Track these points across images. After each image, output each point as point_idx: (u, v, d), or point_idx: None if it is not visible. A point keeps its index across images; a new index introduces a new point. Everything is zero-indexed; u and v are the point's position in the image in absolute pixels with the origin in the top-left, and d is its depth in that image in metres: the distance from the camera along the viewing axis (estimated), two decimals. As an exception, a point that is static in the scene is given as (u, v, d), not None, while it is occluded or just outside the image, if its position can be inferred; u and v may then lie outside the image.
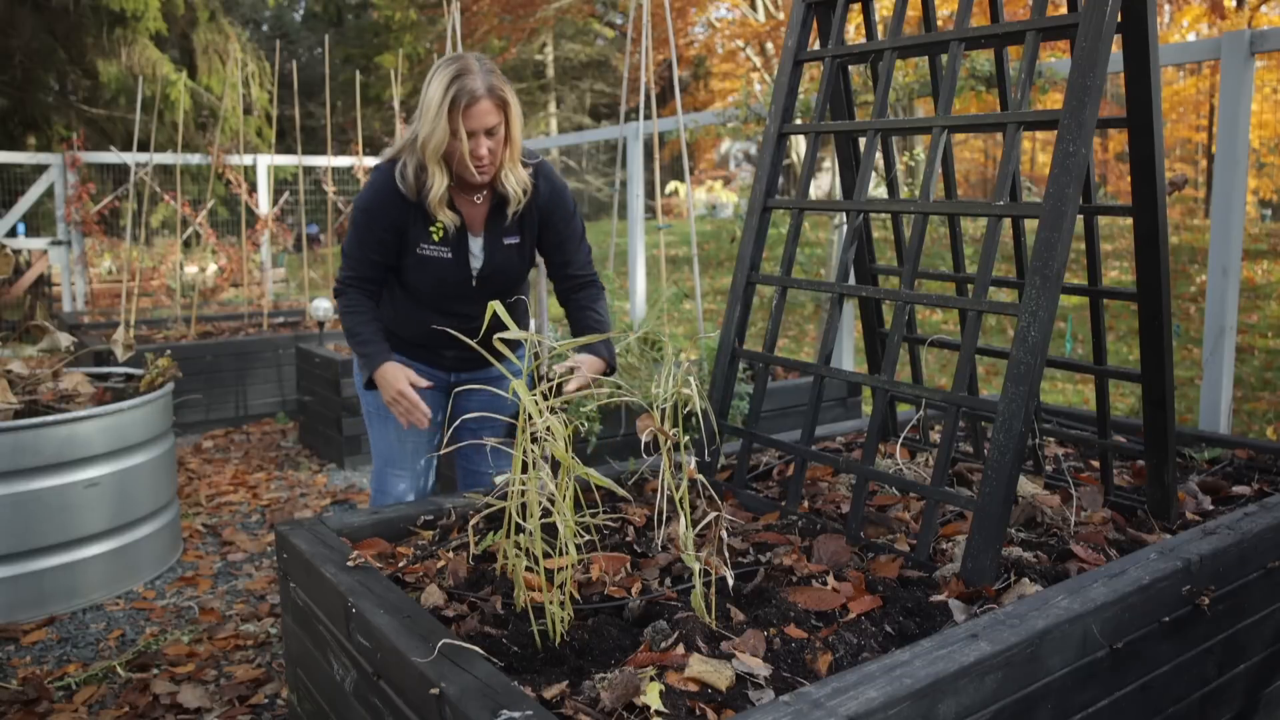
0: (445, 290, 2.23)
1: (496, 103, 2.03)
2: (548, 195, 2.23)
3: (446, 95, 1.98)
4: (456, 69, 2.00)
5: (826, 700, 1.16)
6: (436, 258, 2.19)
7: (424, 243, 2.17)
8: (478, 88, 1.99)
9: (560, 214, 2.25)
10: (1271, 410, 5.74)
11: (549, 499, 1.52)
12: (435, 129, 2.01)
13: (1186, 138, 16.31)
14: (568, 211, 2.27)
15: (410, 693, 1.32)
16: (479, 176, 2.09)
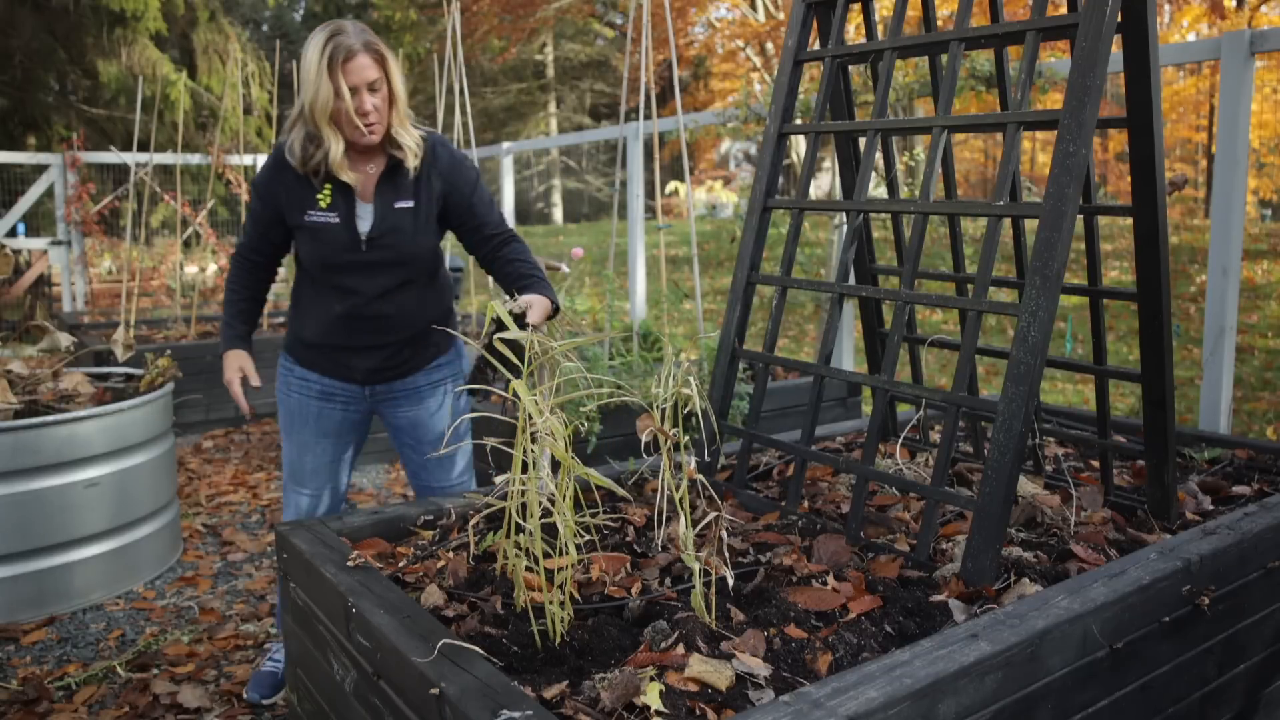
0: (337, 260, 2.17)
1: (374, 57, 2.05)
2: (448, 161, 2.22)
3: (324, 54, 2.01)
4: (330, 30, 2.03)
5: (826, 700, 1.16)
6: (325, 224, 2.16)
7: (311, 210, 2.15)
8: (353, 43, 2.02)
9: (463, 178, 2.24)
10: (1271, 410, 5.74)
11: (549, 499, 1.52)
12: (319, 89, 2.02)
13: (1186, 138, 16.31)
14: (472, 176, 2.26)
15: (410, 693, 1.32)
16: (367, 135, 2.09)
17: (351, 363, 2.27)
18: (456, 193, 2.23)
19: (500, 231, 2.27)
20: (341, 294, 2.20)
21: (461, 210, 2.25)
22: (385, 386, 2.33)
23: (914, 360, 2.57)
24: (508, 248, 2.27)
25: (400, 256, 2.20)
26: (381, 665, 1.42)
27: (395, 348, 2.27)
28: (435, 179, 2.21)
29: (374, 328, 2.23)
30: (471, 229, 2.27)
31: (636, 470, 2.30)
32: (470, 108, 5.66)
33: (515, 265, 2.24)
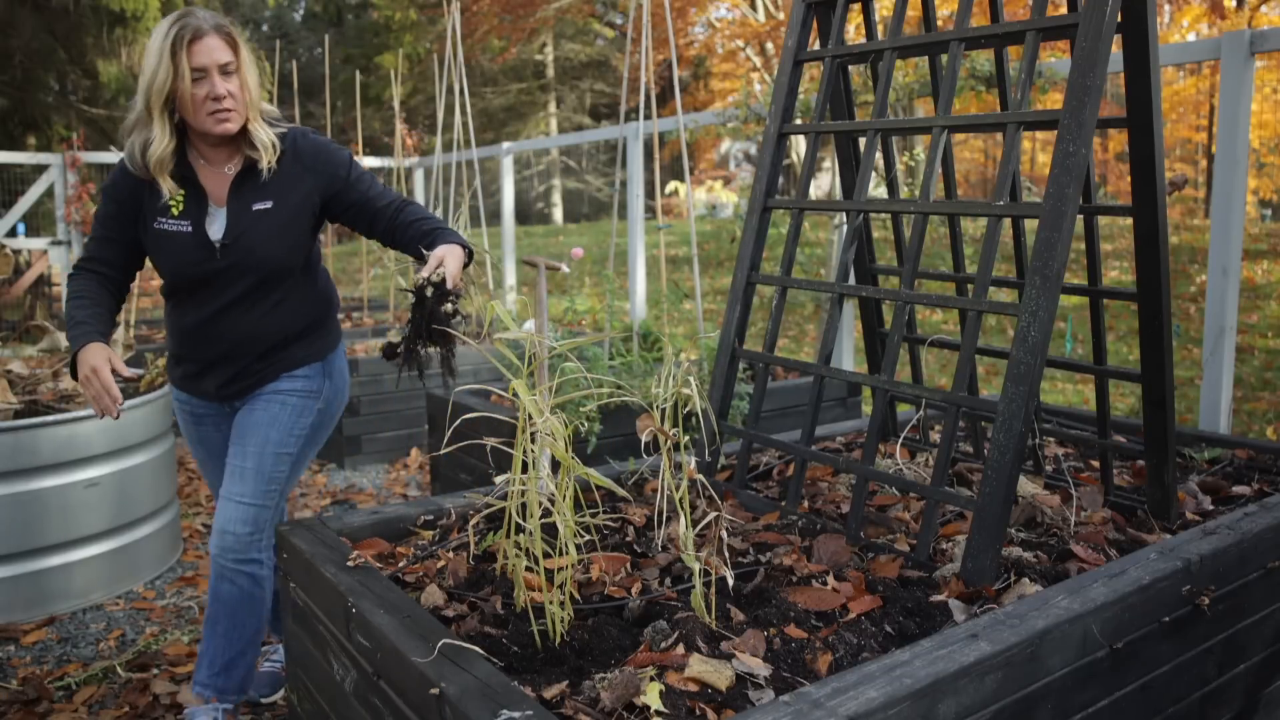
0: (190, 270, 1.99)
1: (225, 39, 1.90)
2: (312, 151, 2.05)
3: (168, 36, 1.85)
4: (179, 14, 1.89)
5: (826, 700, 1.17)
6: (175, 233, 1.98)
7: (161, 218, 1.98)
8: (202, 25, 1.88)
9: (334, 162, 2.06)
10: (1271, 410, 5.74)
11: (549, 499, 1.52)
12: (158, 72, 1.85)
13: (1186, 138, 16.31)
14: (344, 158, 2.09)
15: (410, 693, 1.32)
16: (219, 124, 1.92)
17: (204, 379, 2.10)
18: (331, 180, 2.06)
19: (391, 201, 2.08)
20: (196, 306, 2.04)
21: (343, 196, 2.08)
22: (243, 403, 2.14)
23: (914, 360, 2.57)
24: (402, 213, 2.06)
25: (258, 263, 2.01)
26: (381, 665, 1.42)
27: (248, 362, 2.08)
28: (303, 175, 2.04)
29: (228, 341, 2.05)
30: (359, 210, 2.09)
31: (636, 470, 2.30)
32: (470, 108, 5.66)
33: (415, 225, 2.03)
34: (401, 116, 6.46)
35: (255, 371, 2.09)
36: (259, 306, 2.05)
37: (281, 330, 2.09)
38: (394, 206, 2.07)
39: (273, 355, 2.10)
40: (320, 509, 4.05)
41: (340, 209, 2.10)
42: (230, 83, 1.91)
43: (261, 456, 2.07)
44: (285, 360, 2.11)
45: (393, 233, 2.07)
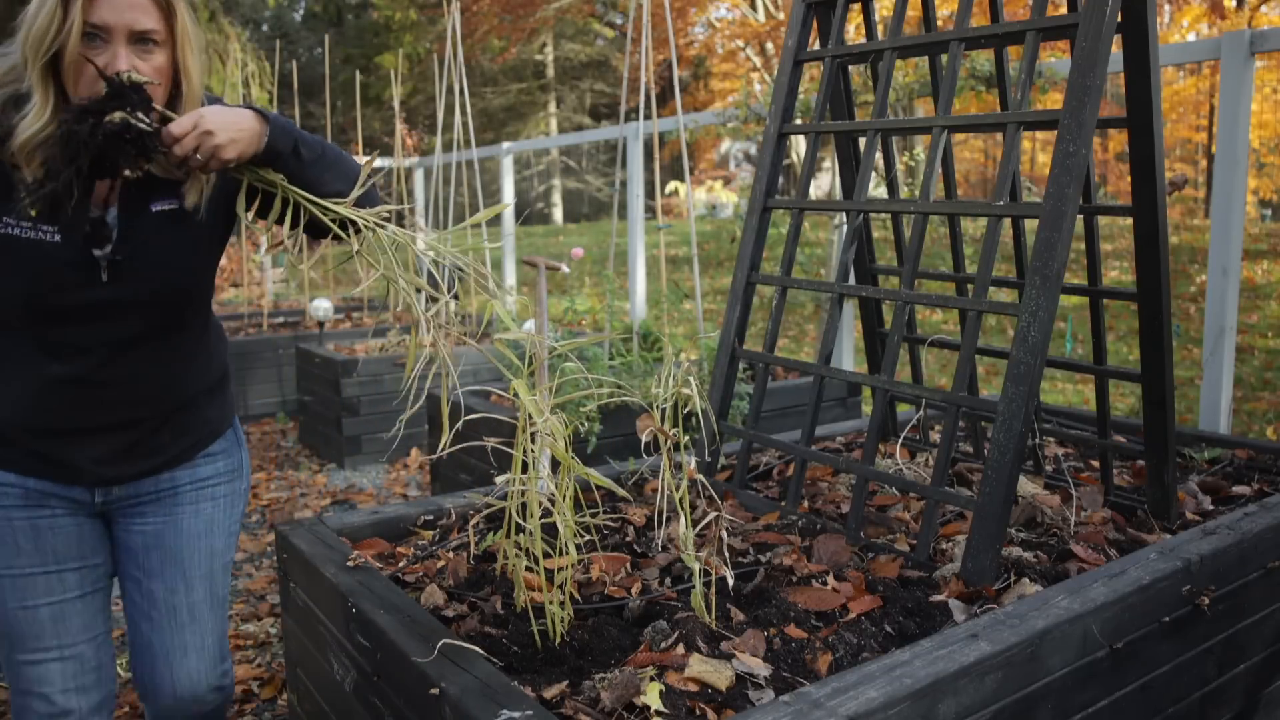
0: (58, 301, 1.35)
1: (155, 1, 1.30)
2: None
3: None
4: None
5: (826, 700, 1.17)
6: (33, 241, 1.33)
7: (7, 217, 1.33)
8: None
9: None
10: (1271, 410, 5.74)
11: (549, 499, 1.52)
12: (38, 16, 1.26)
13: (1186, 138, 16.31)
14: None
15: (410, 693, 1.32)
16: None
17: (72, 455, 1.41)
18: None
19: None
20: (61, 351, 1.38)
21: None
22: (129, 489, 1.48)
23: (914, 360, 2.57)
24: None
25: (161, 289, 1.40)
26: (382, 665, 1.42)
27: (145, 430, 1.46)
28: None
29: (113, 401, 1.41)
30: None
31: (636, 470, 2.31)
32: (470, 108, 5.66)
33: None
34: (402, 116, 6.46)
35: (160, 448, 1.48)
36: (160, 350, 1.45)
37: (192, 383, 1.50)
38: None
39: (183, 422, 1.50)
40: (320, 509, 4.06)
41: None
42: (147, 59, 1.30)
43: (212, 579, 1.56)
44: (198, 428, 1.52)
45: None
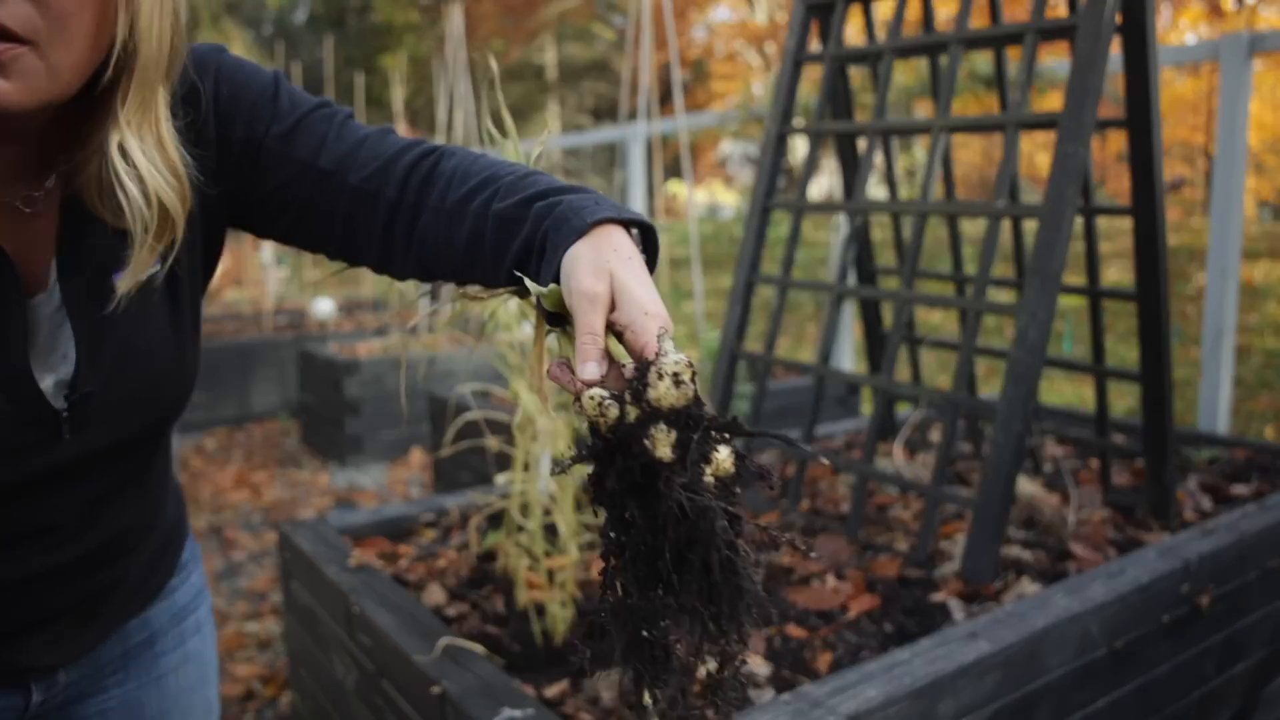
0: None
1: None
2: (228, 99, 0.85)
3: None
4: None
5: (826, 699, 1.17)
6: None
7: None
8: None
9: (260, 108, 0.86)
10: (1271, 410, 5.75)
11: (550, 498, 1.53)
12: None
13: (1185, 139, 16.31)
14: (264, 82, 0.87)
15: (412, 692, 1.33)
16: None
17: (21, 641, 0.89)
18: (246, 151, 0.86)
19: (403, 149, 0.87)
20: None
21: (273, 178, 0.87)
22: (80, 667, 0.96)
23: (914, 360, 2.57)
24: (435, 169, 0.87)
25: (139, 424, 0.88)
26: (383, 664, 1.43)
27: (107, 602, 0.95)
28: (214, 149, 0.84)
29: (65, 584, 0.90)
30: (327, 191, 0.86)
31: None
32: (473, 109, 5.67)
33: (497, 202, 0.81)
34: (407, 118, 6.47)
35: (116, 610, 0.97)
36: (126, 503, 0.93)
37: (157, 531, 1.01)
38: (413, 157, 0.87)
39: (140, 576, 1.00)
40: (322, 508, 4.06)
41: (273, 209, 0.89)
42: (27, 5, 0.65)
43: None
44: (153, 576, 1.01)
45: (420, 218, 0.85)
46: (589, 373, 0.65)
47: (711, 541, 0.61)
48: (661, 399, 0.62)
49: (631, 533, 0.64)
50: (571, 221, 0.72)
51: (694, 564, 0.62)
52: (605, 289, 0.67)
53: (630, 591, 0.64)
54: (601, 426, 0.63)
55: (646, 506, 0.62)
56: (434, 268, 0.88)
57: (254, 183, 0.87)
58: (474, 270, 0.84)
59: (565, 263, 0.70)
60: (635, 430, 0.62)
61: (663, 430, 0.62)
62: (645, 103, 4.48)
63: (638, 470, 0.62)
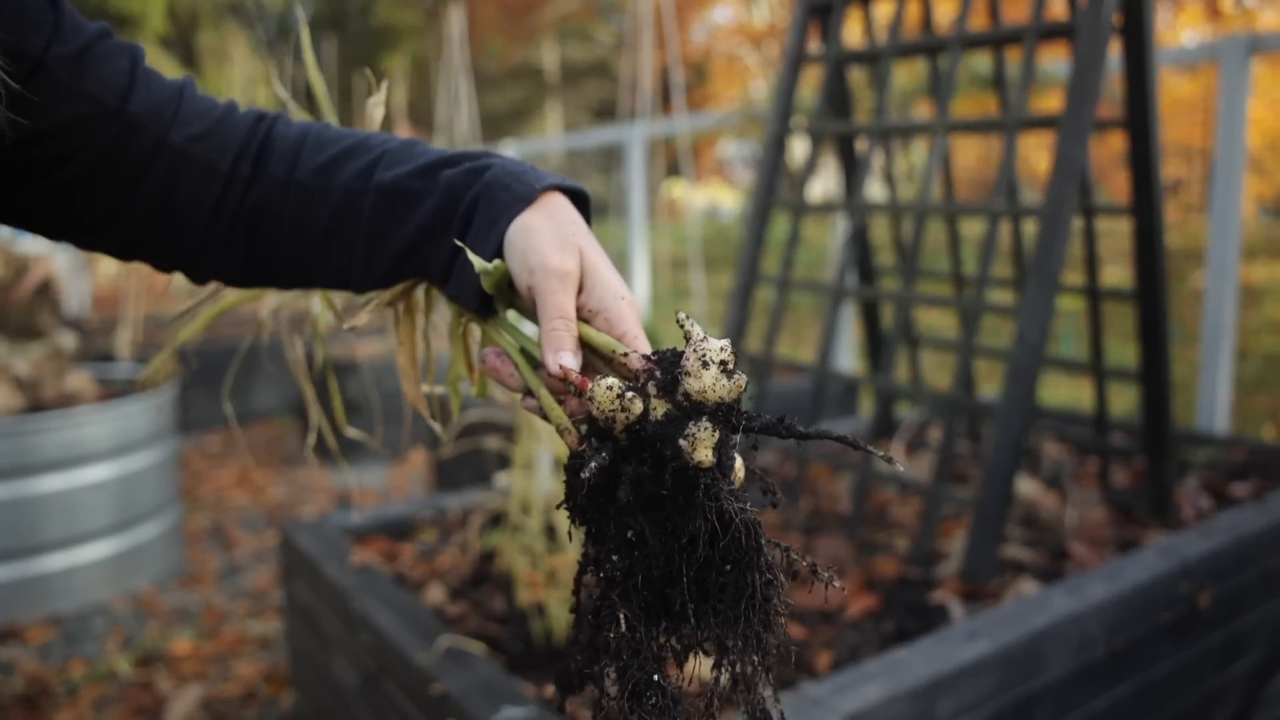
0: None
1: None
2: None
3: None
4: None
5: (826, 698, 1.17)
6: None
7: None
8: None
9: (32, 13, 0.63)
10: (1270, 410, 5.75)
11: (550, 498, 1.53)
12: None
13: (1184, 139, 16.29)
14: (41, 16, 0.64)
15: (413, 691, 1.33)
16: None
17: None
18: (19, 47, 0.62)
19: (231, 106, 0.73)
20: None
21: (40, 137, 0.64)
22: None
23: (913, 360, 2.58)
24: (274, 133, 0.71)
25: None
26: (384, 663, 1.43)
27: None
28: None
29: None
30: (136, 148, 0.67)
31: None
32: (476, 110, 5.68)
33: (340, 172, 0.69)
34: (409, 119, 6.48)
35: None
36: None
37: None
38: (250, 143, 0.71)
39: None
40: (323, 508, 4.07)
41: (40, 160, 0.65)
42: None
43: None
44: None
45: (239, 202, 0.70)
46: (565, 360, 0.57)
47: (755, 561, 0.53)
48: (708, 391, 0.52)
49: (638, 555, 0.53)
50: (513, 188, 0.63)
51: (726, 588, 0.52)
52: (576, 266, 0.59)
53: (635, 626, 0.52)
54: (617, 425, 0.53)
55: (664, 522, 0.52)
56: (265, 261, 0.70)
57: (18, 117, 0.61)
58: (330, 258, 0.69)
59: (515, 235, 0.60)
60: (666, 430, 0.52)
61: (706, 429, 0.52)
62: (645, 103, 4.48)
63: (667, 478, 0.52)
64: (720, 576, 0.53)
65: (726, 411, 0.53)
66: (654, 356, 0.56)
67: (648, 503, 0.53)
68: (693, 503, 0.51)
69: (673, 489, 0.52)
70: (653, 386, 0.54)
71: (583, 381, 0.56)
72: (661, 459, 0.52)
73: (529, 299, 0.60)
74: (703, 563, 0.52)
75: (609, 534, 0.54)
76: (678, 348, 0.57)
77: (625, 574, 0.53)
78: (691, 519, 0.51)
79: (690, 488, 0.51)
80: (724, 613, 0.53)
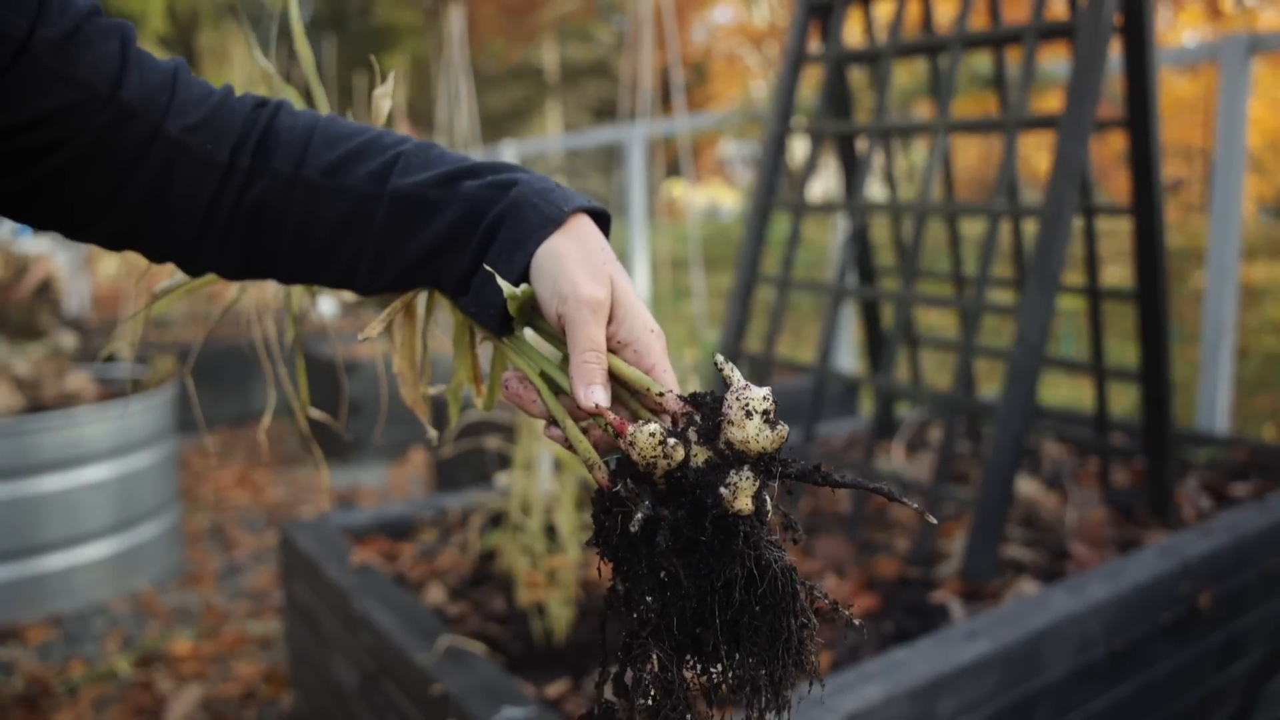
0: None
1: None
2: None
3: None
4: None
5: (826, 698, 1.17)
6: None
7: None
8: None
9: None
10: (1270, 410, 5.75)
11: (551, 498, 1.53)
12: None
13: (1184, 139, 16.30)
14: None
15: (413, 691, 1.33)
16: None
17: None
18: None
19: (228, 93, 0.68)
20: None
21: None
22: None
23: (914, 360, 2.58)
24: (276, 123, 0.68)
25: None
26: (384, 663, 1.43)
27: None
28: None
29: None
30: (128, 138, 0.63)
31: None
32: (476, 109, 5.68)
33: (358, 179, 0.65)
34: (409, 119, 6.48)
35: None
36: None
37: None
38: (250, 133, 0.67)
39: None
40: (323, 508, 4.07)
41: (27, 149, 0.62)
42: None
43: None
44: None
45: (232, 205, 0.67)
46: (596, 397, 0.56)
47: (791, 606, 0.55)
48: (750, 442, 0.53)
49: (670, 596, 0.54)
50: (541, 209, 0.60)
51: (759, 630, 0.54)
52: (608, 296, 0.58)
53: (668, 666, 0.54)
54: (658, 471, 0.53)
55: (698, 565, 0.53)
56: (265, 257, 0.68)
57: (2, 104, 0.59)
58: (337, 260, 0.66)
59: (544, 259, 0.59)
60: (706, 478, 0.53)
61: (748, 479, 0.53)
62: (645, 103, 4.48)
63: (707, 525, 0.53)
64: (753, 620, 0.54)
65: (769, 461, 0.54)
66: (690, 398, 0.57)
67: (684, 547, 0.54)
68: (730, 549, 0.53)
69: (711, 535, 0.53)
70: (693, 433, 0.55)
71: (621, 424, 0.56)
72: (701, 506, 0.53)
73: (558, 326, 0.59)
74: (738, 606, 0.54)
75: (641, 573, 0.55)
76: (714, 391, 0.58)
77: (659, 615, 0.54)
78: (729, 565, 0.53)
79: (729, 535, 0.53)
80: (758, 654, 0.55)
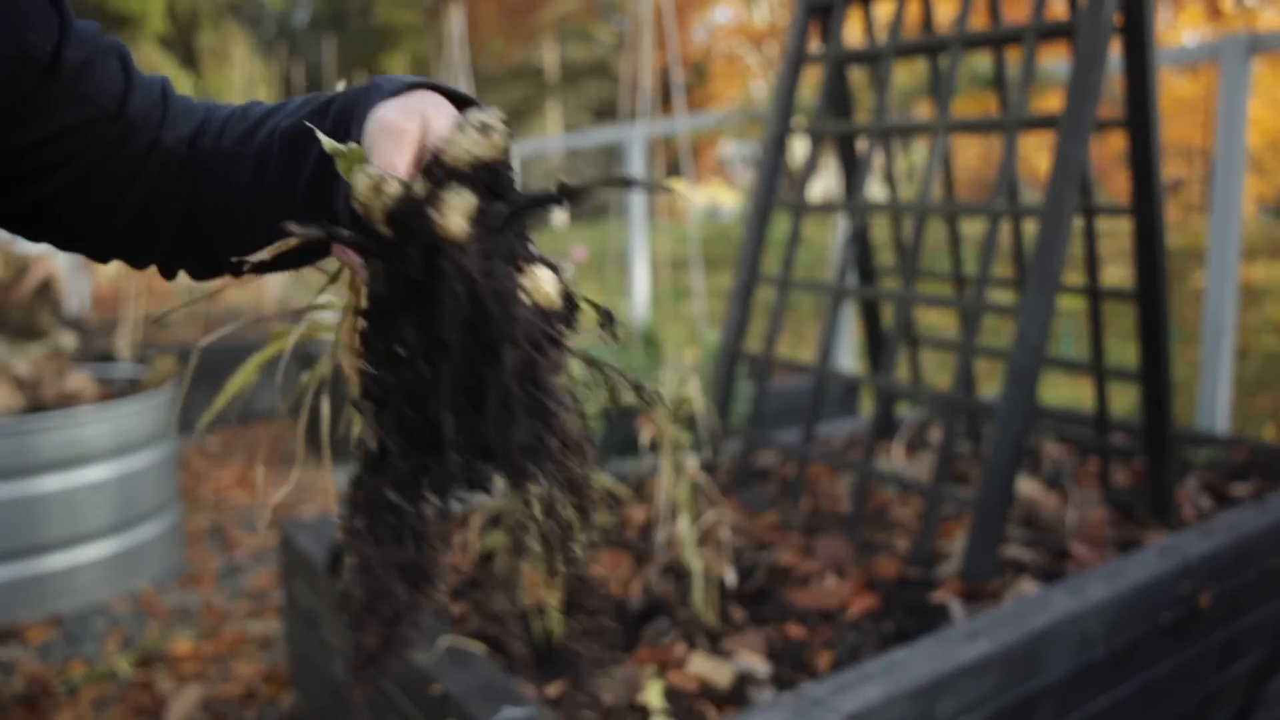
0: None
1: None
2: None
3: None
4: None
5: (827, 698, 1.17)
6: None
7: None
8: None
9: (34, 13, 0.60)
10: (1271, 410, 5.75)
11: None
12: None
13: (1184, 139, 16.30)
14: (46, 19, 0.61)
15: (413, 690, 1.33)
16: None
17: None
18: (21, 49, 0.59)
19: (214, 105, 0.71)
20: None
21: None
22: None
23: (914, 360, 2.58)
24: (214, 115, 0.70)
25: None
26: (385, 663, 1.43)
27: None
28: None
29: None
30: (129, 152, 0.66)
31: (638, 470, 2.31)
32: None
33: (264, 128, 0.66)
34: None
35: None
36: None
37: None
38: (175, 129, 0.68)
39: None
40: (324, 508, 4.07)
41: (40, 165, 0.63)
42: None
43: None
44: None
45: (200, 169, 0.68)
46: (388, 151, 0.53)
47: (508, 332, 0.43)
48: (460, 155, 0.46)
49: (404, 370, 0.45)
50: (383, 86, 0.59)
51: (488, 386, 0.44)
52: (415, 127, 0.53)
53: (404, 454, 0.46)
54: (376, 214, 0.46)
55: (425, 319, 0.44)
56: (217, 240, 0.69)
57: (17, 124, 0.59)
58: (256, 221, 0.66)
59: (370, 122, 0.55)
60: (419, 206, 0.45)
61: (456, 194, 0.45)
62: (645, 103, 4.48)
63: (417, 260, 0.44)
64: (484, 370, 0.44)
65: (486, 174, 0.46)
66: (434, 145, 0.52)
67: (409, 298, 0.45)
68: (444, 283, 0.43)
69: (426, 275, 0.44)
70: (419, 173, 0.48)
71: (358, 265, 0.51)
72: (416, 238, 0.45)
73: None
74: (467, 362, 0.43)
75: (378, 345, 0.46)
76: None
77: (387, 392, 0.45)
78: (441, 304, 0.43)
79: (440, 264, 0.43)
80: (506, 422, 0.45)
